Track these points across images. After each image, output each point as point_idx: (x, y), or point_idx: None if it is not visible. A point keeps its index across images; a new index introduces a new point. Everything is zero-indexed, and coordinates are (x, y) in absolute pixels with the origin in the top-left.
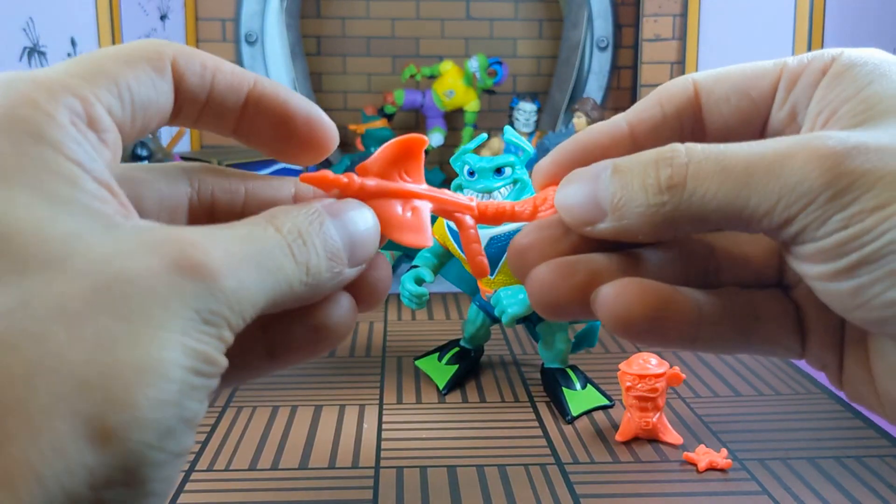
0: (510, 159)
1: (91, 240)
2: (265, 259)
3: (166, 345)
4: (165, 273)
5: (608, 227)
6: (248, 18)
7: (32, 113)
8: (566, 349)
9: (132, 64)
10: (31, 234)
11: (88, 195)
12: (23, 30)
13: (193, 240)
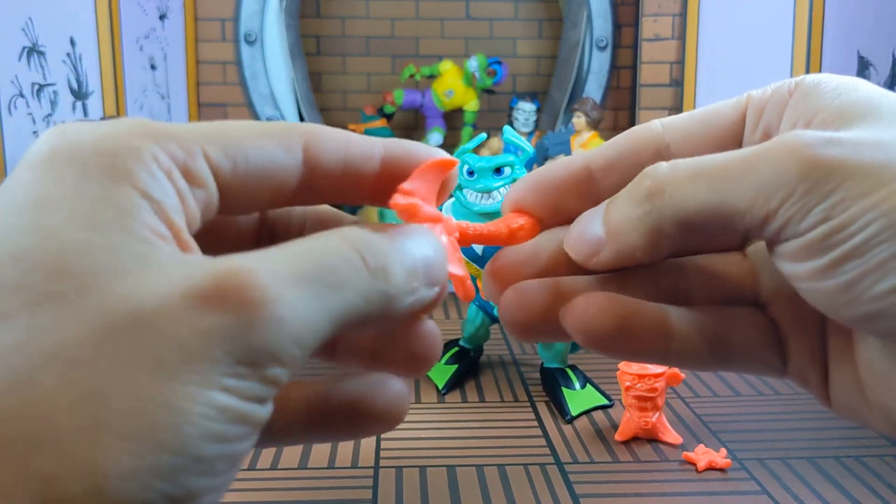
0: (510, 159)
1: (120, 274)
2: (327, 273)
3: (171, 399)
4: (190, 309)
5: (608, 252)
6: (248, 18)
7: (115, 144)
8: (566, 349)
9: (259, 135)
10: (54, 262)
11: (141, 226)
12: (22, 29)
13: (232, 266)
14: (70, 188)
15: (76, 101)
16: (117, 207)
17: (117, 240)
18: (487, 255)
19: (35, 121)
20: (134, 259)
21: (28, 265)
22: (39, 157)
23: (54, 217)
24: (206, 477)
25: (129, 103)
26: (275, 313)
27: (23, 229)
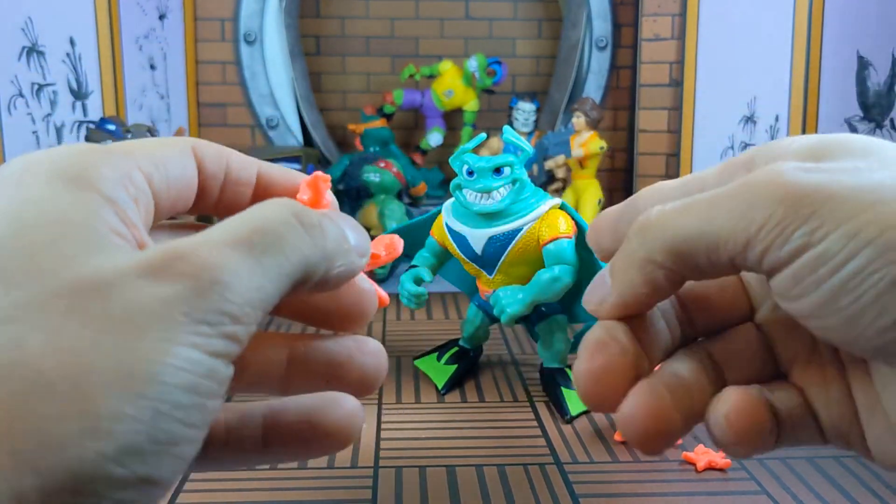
0: (509, 159)
1: (85, 259)
2: (265, 235)
3: (145, 352)
4: (144, 279)
5: (614, 296)
6: (247, 18)
7: (78, 160)
8: (565, 349)
9: (165, 146)
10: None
11: (104, 224)
12: (21, 29)
13: (177, 245)
14: (45, 193)
15: (76, 100)
16: (85, 209)
17: (83, 234)
18: (487, 255)
19: (35, 121)
20: (97, 248)
21: (5, 252)
22: (15, 171)
23: (30, 216)
24: (183, 425)
25: (129, 103)
26: (217, 278)
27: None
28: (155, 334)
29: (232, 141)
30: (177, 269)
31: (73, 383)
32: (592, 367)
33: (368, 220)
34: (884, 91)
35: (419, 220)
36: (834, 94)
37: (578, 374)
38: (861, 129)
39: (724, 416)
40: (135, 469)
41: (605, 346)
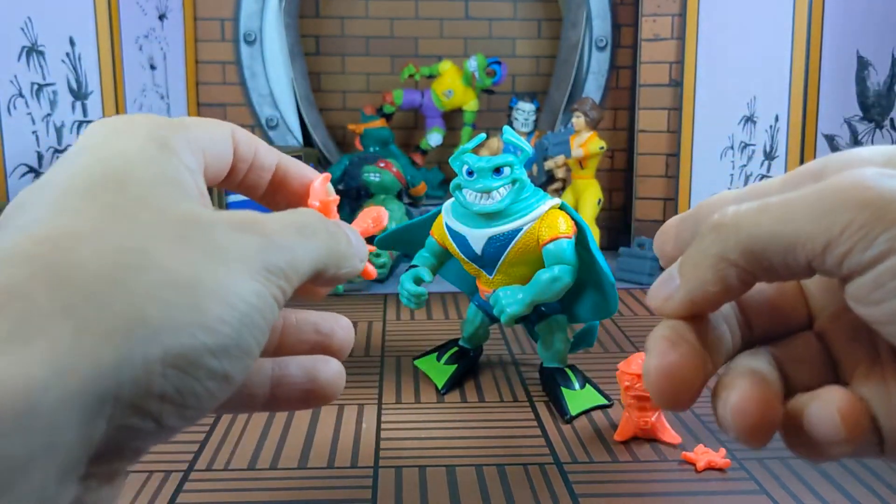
0: (509, 159)
1: (181, 201)
2: (306, 228)
3: (235, 279)
4: (238, 229)
5: (682, 292)
6: (247, 18)
7: (158, 127)
8: (565, 349)
9: (212, 125)
10: (143, 186)
11: (188, 183)
12: (21, 29)
13: (251, 214)
14: (145, 150)
15: (75, 100)
16: (174, 168)
17: (177, 186)
18: (486, 255)
19: (34, 120)
20: (189, 199)
21: (122, 192)
22: (114, 130)
23: (137, 165)
24: (254, 341)
25: (129, 103)
26: (282, 243)
27: (116, 168)
28: (240, 267)
29: None
30: (257, 229)
31: (189, 287)
32: (666, 364)
33: None
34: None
35: (419, 220)
36: (834, 94)
37: (651, 371)
38: (861, 128)
39: (839, 412)
40: (224, 367)
41: (676, 344)
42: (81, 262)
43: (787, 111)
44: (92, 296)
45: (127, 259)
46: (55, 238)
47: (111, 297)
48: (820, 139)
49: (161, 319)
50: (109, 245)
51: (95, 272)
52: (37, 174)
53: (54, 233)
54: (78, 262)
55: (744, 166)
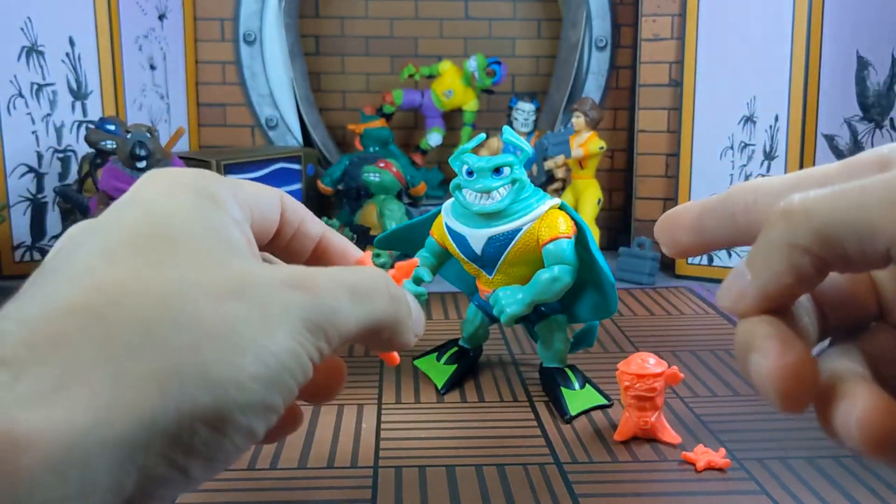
0: (509, 159)
1: (233, 258)
2: (361, 289)
3: (273, 336)
4: (282, 286)
5: (754, 287)
6: (247, 18)
7: (208, 183)
8: (565, 349)
9: (262, 189)
10: (192, 244)
11: (238, 238)
12: (21, 29)
13: (306, 270)
14: (196, 204)
15: (75, 100)
16: (225, 223)
17: (228, 241)
18: (486, 255)
19: (34, 120)
20: (240, 254)
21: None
22: (166, 183)
23: (190, 220)
24: (278, 396)
25: (129, 103)
26: (329, 304)
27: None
28: (280, 325)
29: (232, 141)
30: (306, 285)
31: (226, 344)
32: (786, 364)
33: (368, 220)
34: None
35: (419, 220)
36: (833, 93)
37: (770, 374)
38: (861, 128)
39: (857, 421)
40: (250, 420)
41: (789, 342)
42: (127, 317)
43: (786, 111)
44: (133, 349)
45: (170, 315)
46: (106, 291)
47: (151, 351)
48: (820, 139)
49: (196, 375)
50: (154, 301)
51: (139, 327)
52: (37, 174)
53: (105, 285)
54: (124, 317)
55: (744, 166)
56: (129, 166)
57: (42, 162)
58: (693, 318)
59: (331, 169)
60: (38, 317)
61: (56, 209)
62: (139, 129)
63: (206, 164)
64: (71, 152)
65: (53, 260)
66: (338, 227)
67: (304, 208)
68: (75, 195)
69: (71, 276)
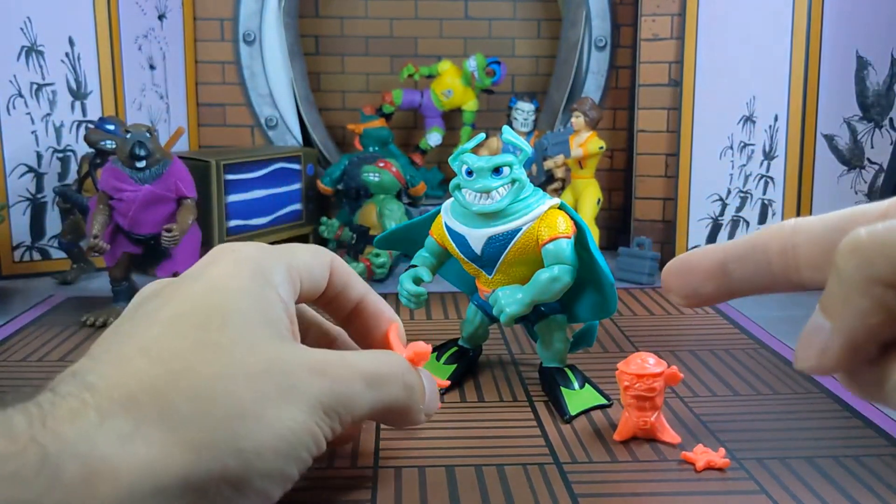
0: (508, 159)
1: (275, 343)
2: (377, 379)
3: (295, 418)
4: (308, 371)
5: (837, 337)
6: (247, 18)
7: (266, 260)
8: (564, 349)
9: (314, 256)
10: (243, 326)
11: (280, 318)
12: (20, 29)
13: (329, 356)
14: (252, 288)
15: (75, 100)
16: (273, 306)
17: (275, 326)
18: (486, 255)
19: (34, 120)
20: (281, 338)
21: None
22: (226, 262)
23: (245, 303)
24: (295, 470)
25: (128, 103)
26: (347, 391)
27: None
28: (302, 406)
29: (231, 141)
30: (329, 372)
31: (255, 420)
32: None
33: (368, 220)
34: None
35: (418, 219)
36: (833, 93)
37: None
38: (860, 128)
39: None
40: (266, 485)
41: None
42: (183, 393)
43: (786, 111)
44: (183, 420)
45: (215, 395)
46: (167, 363)
47: (196, 423)
48: (819, 139)
49: (228, 445)
50: (204, 382)
51: (187, 397)
52: (36, 174)
53: (167, 357)
54: (181, 393)
55: (743, 166)
56: (128, 166)
57: (41, 162)
58: (693, 318)
59: (330, 169)
60: (117, 377)
61: (55, 209)
62: (139, 129)
63: (205, 163)
64: (70, 152)
65: (128, 323)
66: (337, 227)
67: (350, 273)
68: (75, 195)
69: (144, 344)
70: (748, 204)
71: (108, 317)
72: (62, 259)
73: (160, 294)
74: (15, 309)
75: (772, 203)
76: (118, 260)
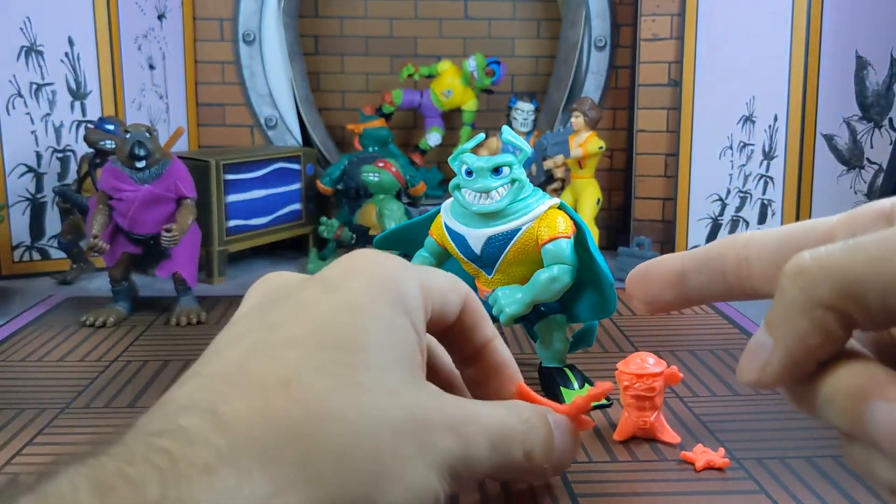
0: (508, 159)
1: (413, 390)
2: (501, 442)
3: (427, 480)
4: (443, 428)
5: (778, 355)
6: (246, 18)
7: (407, 290)
8: (564, 348)
9: (450, 287)
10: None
11: (414, 354)
12: (20, 29)
13: (459, 408)
14: (390, 318)
15: (74, 100)
16: (408, 340)
17: (409, 368)
18: (485, 255)
19: (33, 120)
20: (413, 382)
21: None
22: (360, 277)
23: (377, 327)
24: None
25: (128, 103)
26: (473, 453)
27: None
28: (436, 469)
29: (231, 141)
30: (462, 432)
31: (395, 474)
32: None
33: (367, 220)
34: (882, 91)
35: (418, 219)
36: (832, 93)
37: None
38: (860, 128)
39: None
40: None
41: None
42: (325, 445)
43: (785, 111)
44: (324, 476)
45: (356, 442)
46: (309, 404)
47: (337, 479)
48: (819, 139)
49: (357, 498)
50: (348, 433)
51: (333, 458)
52: (36, 174)
53: (310, 398)
54: (322, 444)
55: (743, 166)
56: (128, 166)
57: (41, 162)
58: (692, 318)
59: (330, 169)
60: (254, 416)
61: (55, 209)
62: (138, 129)
63: (205, 163)
64: (70, 152)
65: (256, 330)
66: (337, 227)
67: (483, 314)
68: (74, 195)
69: (282, 376)
70: (748, 204)
71: (107, 317)
72: (62, 259)
73: (290, 299)
74: (15, 309)
75: (771, 203)
76: (118, 260)
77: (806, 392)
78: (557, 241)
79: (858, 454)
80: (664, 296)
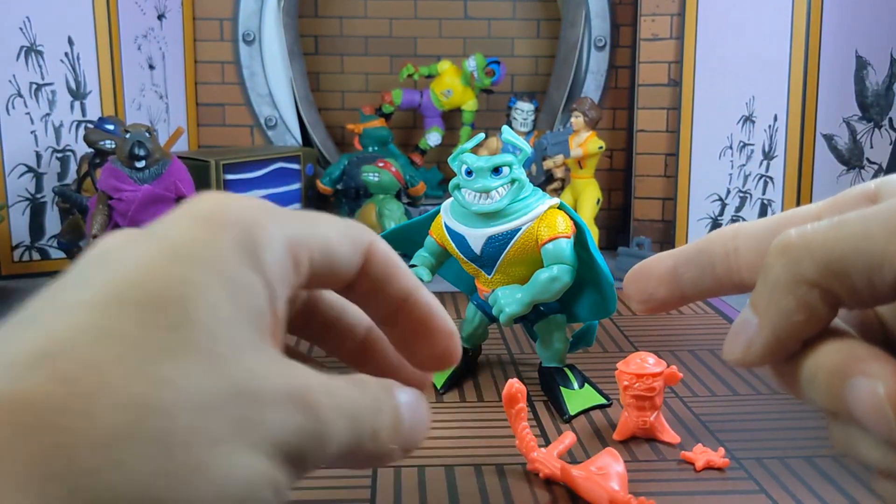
0: (508, 159)
1: (247, 355)
2: (356, 419)
3: (251, 465)
4: (285, 399)
5: (764, 333)
6: (246, 18)
7: (256, 230)
8: (564, 348)
9: (343, 236)
10: (200, 325)
11: (257, 315)
12: (20, 29)
13: (307, 382)
14: (224, 255)
15: (74, 100)
16: (252, 293)
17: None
18: (485, 255)
19: (33, 120)
20: (258, 349)
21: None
22: (199, 222)
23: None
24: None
25: (128, 103)
26: (323, 431)
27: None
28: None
29: (231, 141)
30: (309, 405)
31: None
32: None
33: (367, 220)
34: (882, 91)
35: (418, 219)
36: (832, 93)
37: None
38: (860, 128)
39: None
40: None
41: None
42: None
43: (785, 111)
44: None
45: (132, 428)
46: (71, 382)
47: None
48: (819, 139)
49: (132, 498)
50: (117, 408)
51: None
52: (35, 174)
53: (76, 371)
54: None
55: (743, 166)
56: (128, 166)
57: (41, 162)
58: (692, 317)
59: (330, 169)
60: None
61: (55, 209)
62: (138, 129)
63: (205, 163)
64: (70, 152)
65: (43, 302)
66: None
67: (395, 263)
68: (74, 195)
69: (43, 346)
70: (747, 204)
71: None
72: (61, 259)
73: (108, 256)
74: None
75: (771, 203)
76: None
77: (791, 372)
78: (557, 240)
79: (842, 434)
80: (658, 293)
